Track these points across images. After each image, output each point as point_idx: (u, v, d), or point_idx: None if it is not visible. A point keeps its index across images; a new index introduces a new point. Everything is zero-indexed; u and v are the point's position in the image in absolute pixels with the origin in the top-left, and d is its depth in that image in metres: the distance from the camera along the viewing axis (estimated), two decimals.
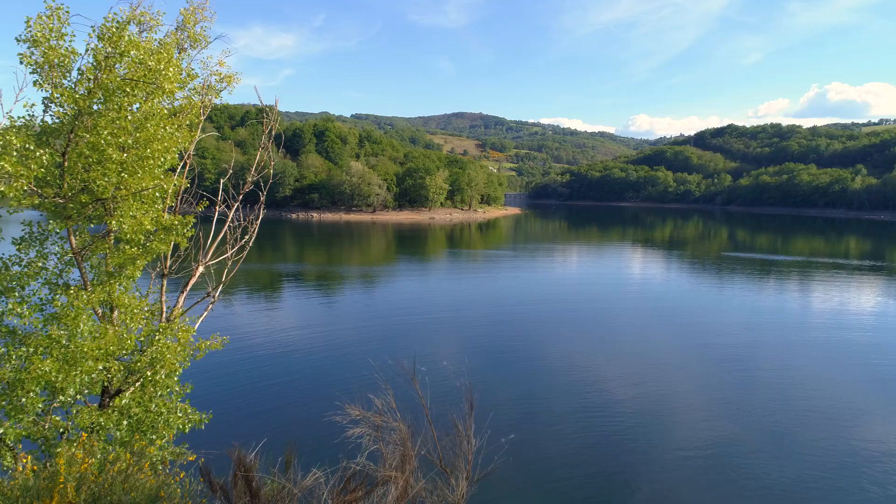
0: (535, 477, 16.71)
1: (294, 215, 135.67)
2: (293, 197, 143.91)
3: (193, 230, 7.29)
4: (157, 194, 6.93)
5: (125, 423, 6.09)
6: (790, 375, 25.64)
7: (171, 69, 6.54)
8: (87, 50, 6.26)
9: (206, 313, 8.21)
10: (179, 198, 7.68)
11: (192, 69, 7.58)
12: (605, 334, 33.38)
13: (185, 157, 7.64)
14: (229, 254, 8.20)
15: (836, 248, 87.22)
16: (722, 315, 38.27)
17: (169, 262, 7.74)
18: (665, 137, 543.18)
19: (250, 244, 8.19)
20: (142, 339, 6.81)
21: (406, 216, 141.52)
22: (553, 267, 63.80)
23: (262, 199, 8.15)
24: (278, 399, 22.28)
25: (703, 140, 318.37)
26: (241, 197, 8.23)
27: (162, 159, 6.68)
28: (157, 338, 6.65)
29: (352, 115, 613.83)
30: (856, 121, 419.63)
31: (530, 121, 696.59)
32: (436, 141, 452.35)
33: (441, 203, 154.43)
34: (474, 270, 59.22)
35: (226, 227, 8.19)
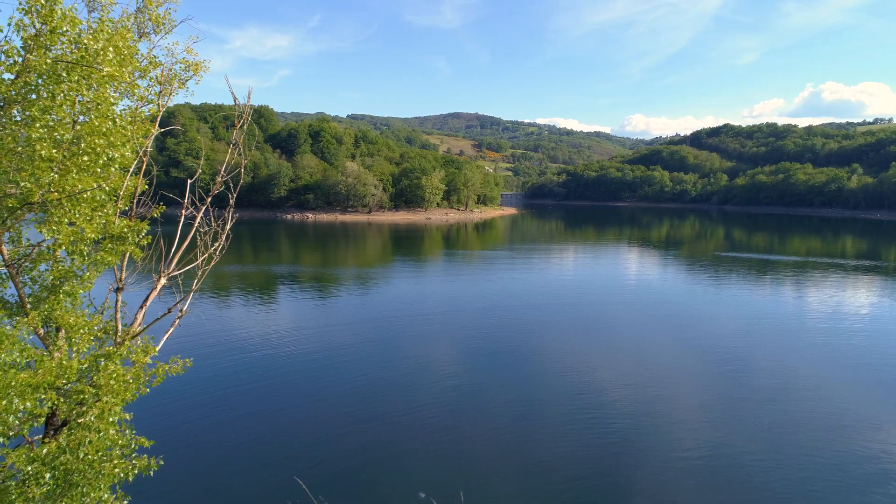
0: (532, 477, 16.54)
1: (289, 216, 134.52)
2: (288, 197, 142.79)
3: (149, 238, 6.43)
4: (102, 197, 6.04)
5: (48, 475, 5.13)
6: (786, 375, 25.49)
7: (110, 48, 5.63)
8: (10, 24, 5.36)
9: (172, 329, 7.34)
10: (135, 201, 6.80)
11: (155, 56, 6.74)
12: (602, 335, 33.08)
13: (141, 153, 6.73)
14: (199, 261, 7.31)
15: (833, 248, 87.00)
16: (718, 315, 38.06)
17: (124, 275, 6.85)
18: (661, 137, 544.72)
19: (218, 253, 7.28)
20: (85, 365, 5.90)
21: (402, 217, 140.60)
22: (549, 267, 63.17)
23: (231, 201, 7.27)
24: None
25: (699, 140, 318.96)
26: (209, 199, 7.37)
27: (106, 156, 5.77)
28: (102, 364, 5.77)
29: (348, 116, 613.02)
30: (850, 120, 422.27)
31: (526, 121, 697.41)
32: (432, 141, 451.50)
33: (437, 203, 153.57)
34: (471, 271, 58.50)
35: (192, 232, 7.31)
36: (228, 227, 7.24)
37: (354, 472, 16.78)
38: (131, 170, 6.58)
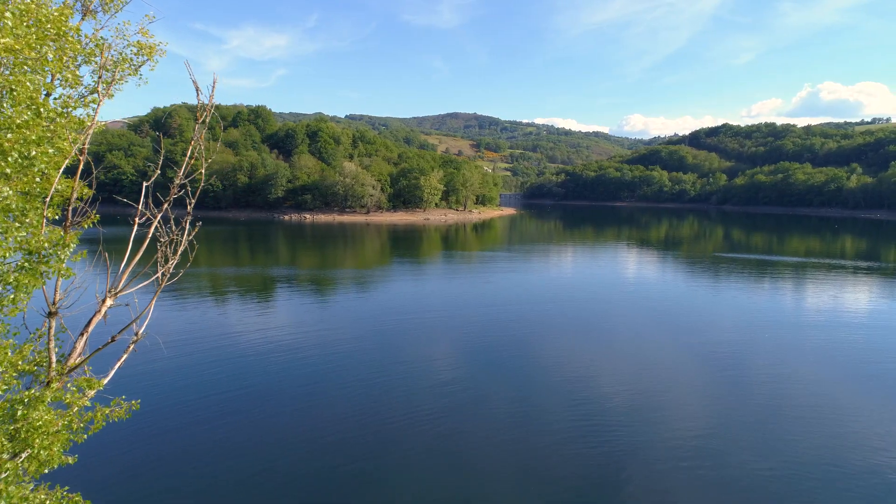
0: (532, 481, 16.46)
1: (286, 217, 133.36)
2: (286, 198, 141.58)
3: (84, 253, 5.42)
4: (20, 205, 4.99)
5: None
6: (788, 378, 25.30)
7: (8, 13, 4.55)
8: None
9: (126, 355, 6.31)
10: (70, 209, 5.76)
11: (102, 38, 5.75)
12: (601, 336, 32.79)
13: (75, 150, 5.64)
14: (159, 274, 6.30)
15: (832, 248, 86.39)
16: (718, 317, 37.76)
17: (58, 296, 5.83)
18: (659, 137, 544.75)
19: (172, 268, 6.24)
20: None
21: (400, 217, 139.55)
22: (548, 268, 62.38)
23: (189, 206, 6.25)
24: None
25: (697, 139, 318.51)
26: (165, 206, 6.34)
27: (18, 154, 4.70)
28: (20, 412, 4.73)
29: (346, 116, 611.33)
30: (848, 120, 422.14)
31: (525, 121, 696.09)
32: (430, 141, 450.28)
33: (436, 204, 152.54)
34: (469, 272, 57.59)
35: (145, 243, 6.30)
36: (187, 236, 6.20)
37: (351, 477, 16.43)
38: (59, 172, 5.55)
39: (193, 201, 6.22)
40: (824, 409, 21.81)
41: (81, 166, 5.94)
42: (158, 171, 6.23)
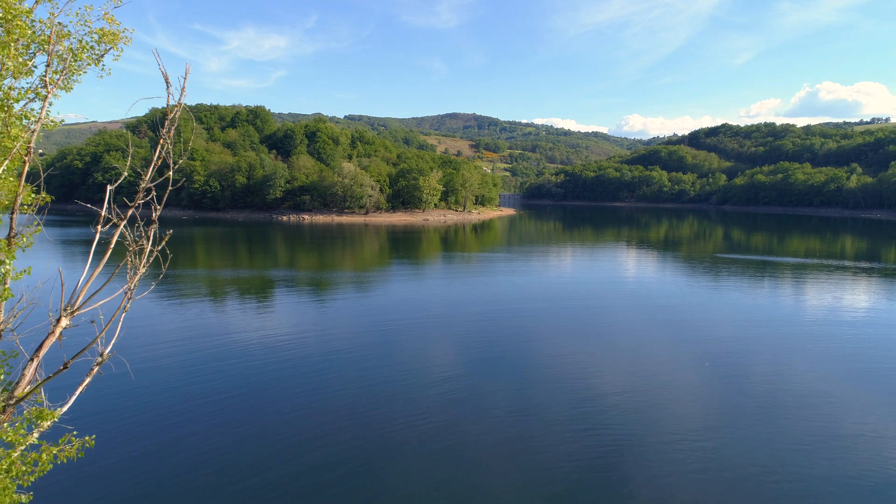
0: (529, 473, 16.52)
1: (285, 217, 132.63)
2: (284, 199, 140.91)
3: (28, 270, 4.76)
4: None
5: None
6: (788, 382, 24.93)
7: None
8: None
9: (89, 379, 5.63)
10: (14, 217, 5.09)
11: (59, 24, 5.12)
12: (600, 338, 32.19)
13: (17, 147, 4.93)
14: (130, 284, 5.64)
15: (833, 248, 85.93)
16: (718, 319, 37.18)
17: (2, 315, 5.16)
18: (658, 137, 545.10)
19: (135, 286, 5.55)
20: None
21: (399, 218, 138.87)
22: (548, 269, 61.83)
23: (155, 213, 5.58)
24: None
25: (697, 139, 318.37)
26: (130, 212, 5.66)
27: None
28: None
29: (345, 117, 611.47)
30: (847, 120, 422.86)
31: (524, 121, 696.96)
32: (429, 142, 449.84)
33: (435, 204, 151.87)
34: (469, 273, 56.98)
35: (107, 254, 5.64)
36: (150, 246, 5.54)
37: (349, 476, 16.12)
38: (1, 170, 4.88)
39: (160, 207, 5.58)
40: (825, 408, 21.59)
41: (27, 168, 5.26)
42: (126, 173, 5.59)
